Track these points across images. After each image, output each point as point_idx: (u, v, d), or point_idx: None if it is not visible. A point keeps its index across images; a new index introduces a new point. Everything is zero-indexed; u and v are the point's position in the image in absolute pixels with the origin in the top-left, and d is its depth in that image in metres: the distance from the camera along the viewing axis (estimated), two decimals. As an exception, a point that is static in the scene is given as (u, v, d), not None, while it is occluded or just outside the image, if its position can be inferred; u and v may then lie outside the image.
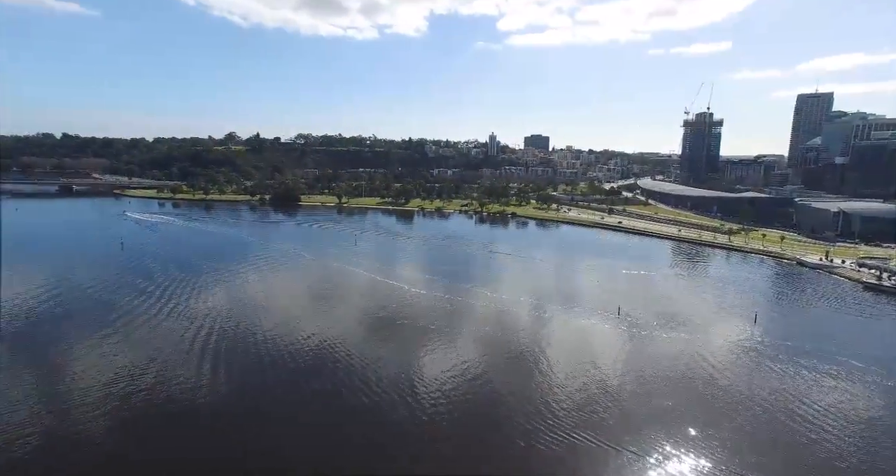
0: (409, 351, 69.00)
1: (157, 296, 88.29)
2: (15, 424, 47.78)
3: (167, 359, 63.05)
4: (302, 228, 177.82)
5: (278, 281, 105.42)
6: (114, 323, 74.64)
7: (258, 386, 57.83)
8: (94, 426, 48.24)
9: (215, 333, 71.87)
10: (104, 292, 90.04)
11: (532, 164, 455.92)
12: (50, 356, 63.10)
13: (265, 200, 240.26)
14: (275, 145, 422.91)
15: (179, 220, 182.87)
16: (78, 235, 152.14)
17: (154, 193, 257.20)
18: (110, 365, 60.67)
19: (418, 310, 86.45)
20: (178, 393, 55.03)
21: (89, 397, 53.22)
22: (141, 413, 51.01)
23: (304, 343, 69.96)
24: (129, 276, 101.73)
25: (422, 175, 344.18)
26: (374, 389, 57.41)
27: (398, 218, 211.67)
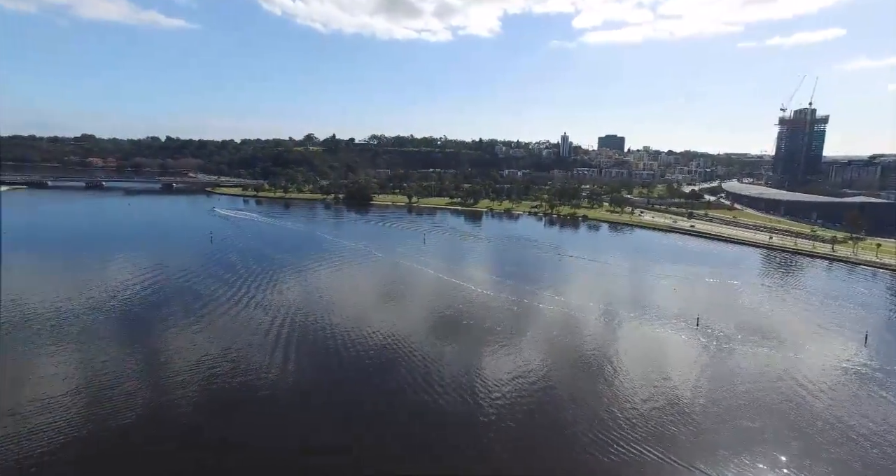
0: (472, 351, 68.54)
1: (238, 287, 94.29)
2: (124, 395, 52.95)
3: (245, 347, 67.01)
4: (373, 227, 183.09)
5: (348, 277, 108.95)
6: (200, 310, 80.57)
7: (327, 379, 59.86)
8: (182, 403, 52.22)
9: (288, 325, 75.44)
10: (194, 281, 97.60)
11: (606, 165, 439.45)
12: (149, 338, 69.24)
13: (339, 199, 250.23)
14: (349, 146, 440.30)
15: (260, 217, 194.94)
16: (175, 228, 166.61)
17: (240, 191, 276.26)
18: (197, 349, 65.46)
19: (484, 310, 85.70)
20: (254, 380, 58.23)
21: (179, 377, 57.76)
22: (219, 396, 54.47)
23: (371, 338, 71.58)
24: (214, 267, 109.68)
25: (491, 176, 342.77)
26: (437, 388, 57.46)
27: (466, 218, 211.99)
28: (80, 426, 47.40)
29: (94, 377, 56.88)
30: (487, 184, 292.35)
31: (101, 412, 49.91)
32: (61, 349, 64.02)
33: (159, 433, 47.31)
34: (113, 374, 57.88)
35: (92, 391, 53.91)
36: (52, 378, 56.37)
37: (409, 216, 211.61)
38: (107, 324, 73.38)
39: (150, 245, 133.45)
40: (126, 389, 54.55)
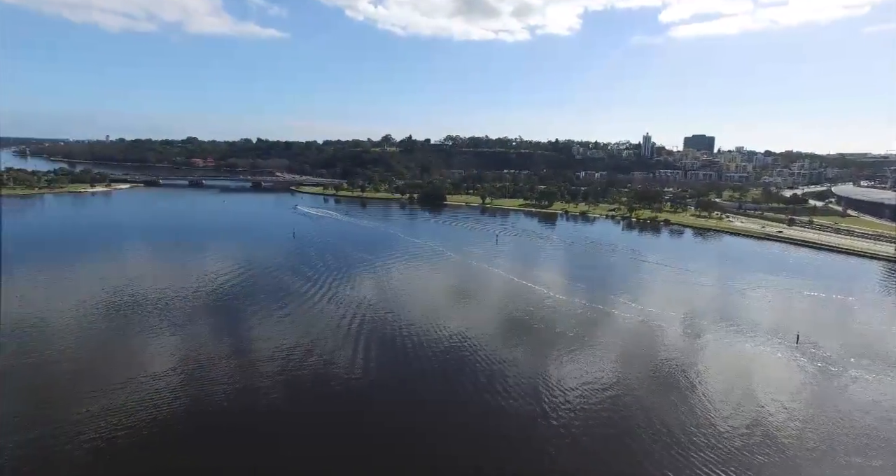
0: (540, 355, 66.89)
1: (316, 281, 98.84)
2: (215, 374, 57.44)
3: (320, 338, 70.08)
4: (446, 227, 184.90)
5: (420, 275, 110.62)
6: (282, 302, 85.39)
7: (394, 374, 61.02)
8: (263, 386, 55.53)
9: (360, 320, 77.89)
10: (277, 275, 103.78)
11: (692, 167, 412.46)
12: (237, 324, 74.59)
13: (414, 199, 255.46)
14: (425, 146, 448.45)
15: (339, 215, 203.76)
16: (262, 224, 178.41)
17: (320, 190, 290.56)
18: (277, 338, 69.41)
19: (554, 314, 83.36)
20: (326, 370, 60.69)
21: (261, 361, 61.61)
22: (303, 387, 57.19)
23: (439, 337, 72.04)
24: (295, 262, 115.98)
25: (567, 177, 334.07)
26: (501, 390, 56.62)
27: (540, 220, 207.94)
28: (179, 399, 51.88)
29: (192, 357, 62.09)
30: (562, 185, 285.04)
31: (195, 389, 54.29)
32: (166, 330, 70.67)
33: (242, 412, 50.60)
34: (207, 355, 62.86)
35: (189, 369, 58.86)
36: (158, 355, 62.34)
37: (482, 217, 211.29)
38: (203, 309, 79.95)
39: (240, 239, 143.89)
40: (217, 369, 59.01)
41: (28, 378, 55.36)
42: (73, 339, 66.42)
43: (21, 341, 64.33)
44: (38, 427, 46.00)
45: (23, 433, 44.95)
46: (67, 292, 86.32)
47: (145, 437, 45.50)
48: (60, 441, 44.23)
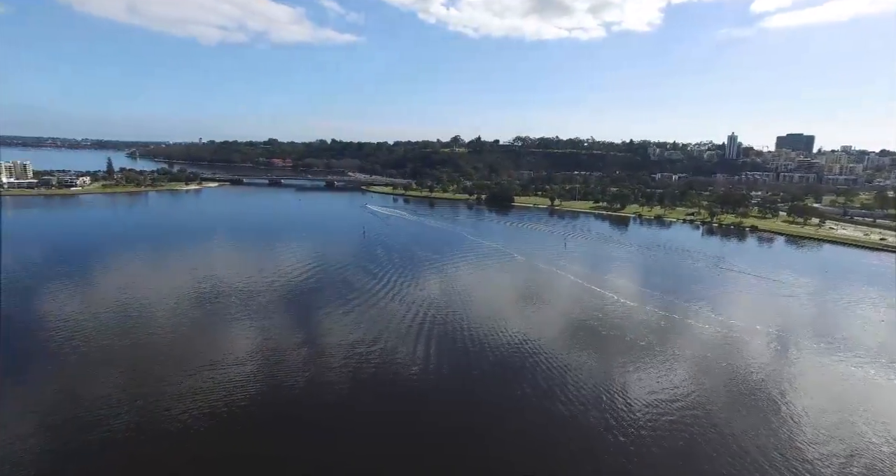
0: (611, 364, 63.94)
1: (383, 279, 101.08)
2: (287, 362, 60.41)
3: (385, 334, 71.50)
4: (513, 228, 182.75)
5: (486, 276, 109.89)
6: (350, 297, 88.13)
7: (457, 374, 60.82)
8: (335, 382, 57.53)
9: (425, 318, 78.56)
10: (346, 271, 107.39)
11: (785, 168, 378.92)
12: (308, 317, 78.03)
13: (481, 199, 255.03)
14: (493, 147, 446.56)
15: (407, 214, 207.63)
16: (334, 222, 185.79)
17: (390, 190, 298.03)
18: (345, 331, 71.80)
19: (627, 322, 79.44)
20: (391, 365, 61.71)
21: (329, 353, 63.92)
22: (365, 381, 58.65)
23: (504, 339, 71.02)
24: (364, 259, 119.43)
25: (641, 179, 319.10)
26: (571, 399, 54.71)
27: (612, 223, 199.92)
28: (254, 386, 54.97)
29: (266, 346, 65.70)
30: (637, 188, 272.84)
31: (267, 377, 57.30)
32: (245, 319, 75.34)
33: (309, 403, 52.75)
34: (279, 345, 66.24)
35: (263, 357, 62.28)
36: (238, 342, 66.56)
37: (551, 219, 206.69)
38: (277, 301, 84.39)
39: (313, 236, 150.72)
40: (288, 359, 61.97)
41: (128, 356, 61.11)
42: (165, 323, 72.59)
43: (123, 324, 71.26)
44: (138, 399, 50.67)
45: (125, 404, 49.72)
46: (162, 280, 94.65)
47: (223, 419, 48.58)
48: (153, 414, 48.38)
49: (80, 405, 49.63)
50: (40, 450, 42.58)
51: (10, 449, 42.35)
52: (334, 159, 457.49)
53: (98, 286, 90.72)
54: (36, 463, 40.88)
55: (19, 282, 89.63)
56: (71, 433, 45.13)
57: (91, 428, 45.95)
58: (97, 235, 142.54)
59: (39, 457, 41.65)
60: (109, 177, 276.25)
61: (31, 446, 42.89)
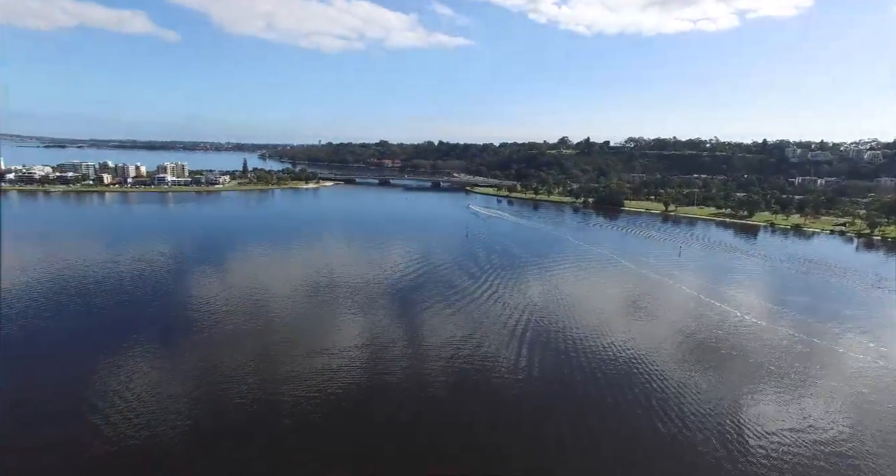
0: (730, 388, 57.31)
1: (484, 280, 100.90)
2: (391, 357, 62.77)
3: (485, 335, 71.14)
4: (621, 233, 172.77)
5: (590, 282, 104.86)
6: (453, 299, 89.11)
7: (557, 382, 58.50)
8: (437, 378, 58.51)
9: (525, 322, 76.87)
10: (448, 270, 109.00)
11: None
12: (411, 313, 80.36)
13: (588, 203, 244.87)
14: (603, 149, 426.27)
15: (510, 216, 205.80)
16: (438, 222, 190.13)
17: (494, 191, 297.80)
18: (446, 330, 72.66)
19: (752, 343, 70.72)
20: (490, 367, 61.13)
21: (431, 350, 65.10)
22: (466, 380, 58.82)
23: (608, 350, 67.02)
24: (466, 260, 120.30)
25: (775, 184, 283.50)
26: (679, 421, 49.83)
27: (737, 232, 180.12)
28: (360, 374, 57.85)
29: (372, 337, 68.90)
30: (768, 193, 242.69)
31: (373, 367, 59.90)
32: (353, 311, 79.84)
33: (411, 397, 54.01)
34: (384, 337, 69.05)
35: (370, 348, 65.30)
36: (347, 332, 70.70)
37: (664, 225, 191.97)
38: (383, 296, 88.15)
39: (419, 234, 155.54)
40: (392, 352, 64.29)
41: (252, 336, 67.71)
42: (283, 309, 79.36)
43: (249, 307, 79.20)
44: (259, 374, 55.93)
45: (248, 381, 55.14)
46: (282, 270, 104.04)
47: (331, 403, 51.61)
48: (270, 391, 52.92)
49: (216, 374, 55.97)
50: (187, 406, 48.64)
51: (165, 404, 48.96)
52: (440, 160, 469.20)
53: (231, 272, 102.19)
54: (184, 417, 46.73)
55: (173, 266, 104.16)
56: (209, 395, 50.98)
57: (224, 393, 51.53)
58: (233, 227, 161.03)
59: (186, 413, 47.56)
60: (244, 176, 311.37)
61: (181, 404, 49.18)
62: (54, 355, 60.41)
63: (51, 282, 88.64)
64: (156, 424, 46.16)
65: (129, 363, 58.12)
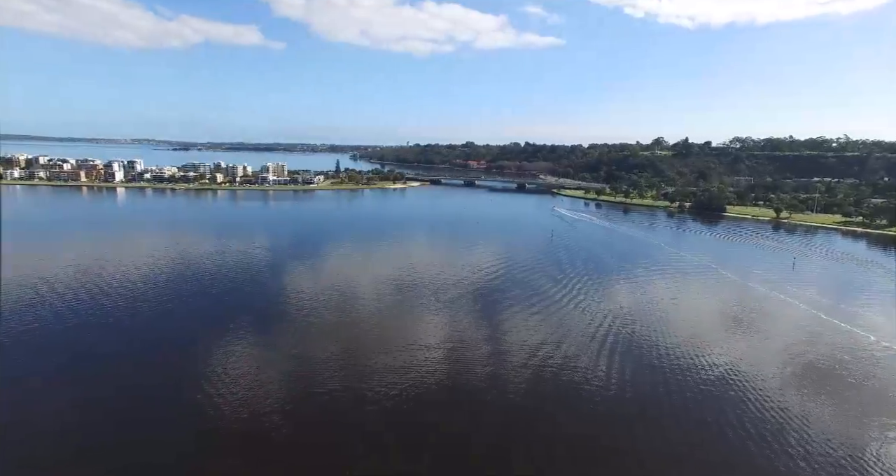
0: (855, 421, 50.01)
1: (569, 285, 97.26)
2: (471, 360, 62.50)
3: (567, 341, 68.42)
4: (722, 242, 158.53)
5: (686, 293, 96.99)
6: (534, 302, 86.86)
7: (650, 399, 54.51)
8: (515, 380, 57.28)
9: (611, 331, 72.84)
10: (531, 273, 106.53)
11: None
12: (492, 314, 79.36)
13: (684, 208, 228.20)
14: (704, 150, 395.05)
15: (597, 220, 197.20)
16: (522, 224, 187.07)
17: (581, 194, 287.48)
18: (526, 334, 70.92)
19: (887, 372, 61.03)
20: (574, 375, 58.52)
21: (513, 358, 63.68)
22: (544, 385, 56.93)
23: (705, 368, 61.42)
24: (550, 263, 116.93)
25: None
26: (785, 453, 44.09)
27: (871, 244, 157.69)
28: (439, 372, 58.15)
29: (453, 336, 69.06)
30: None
31: (452, 366, 59.87)
32: (435, 309, 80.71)
33: (488, 397, 53.20)
34: (464, 337, 68.92)
35: (450, 346, 65.47)
36: (428, 329, 71.61)
37: (775, 234, 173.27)
38: (465, 296, 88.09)
39: (502, 236, 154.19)
40: (471, 351, 63.91)
41: (339, 332, 70.70)
42: (369, 305, 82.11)
43: (335, 303, 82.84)
44: (343, 369, 58.28)
45: (333, 372, 57.66)
46: (368, 267, 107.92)
47: (412, 398, 52.32)
48: (354, 383, 54.80)
49: (305, 363, 59.25)
50: (279, 391, 51.91)
51: (261, 387, 52.63)
52: (526, 161, 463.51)
53: (320, 267, 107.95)
54: (277, 401, 49.91)
55: (270, 258, 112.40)
56: (298, 383, 54.00)
57: (311, 381, 54.36)
58: (324, 224, 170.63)
59: (278, 397, 50.76)
60: (336, 176, 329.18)
61: (274, 388, 52.62)
62: (173, 335, 67.39)
63: (172, 268, 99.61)
64: (252, 405, 49.66)
65: (230, 345, 63.29)
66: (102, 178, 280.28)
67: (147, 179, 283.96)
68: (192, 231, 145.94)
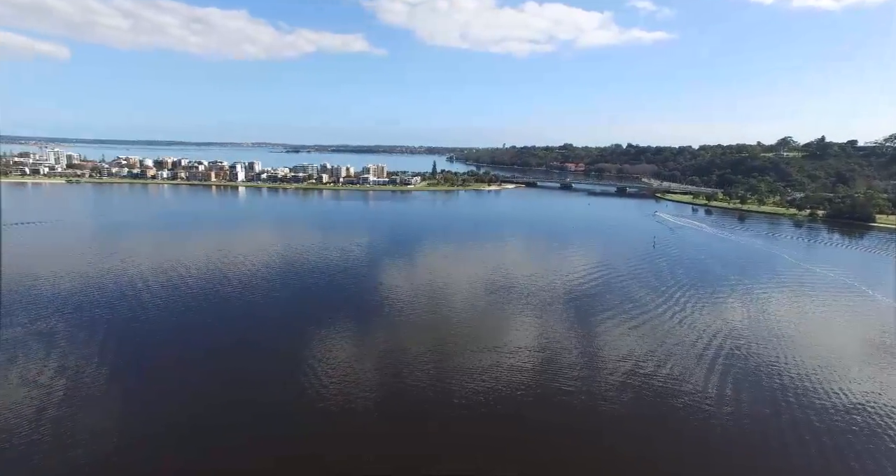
0: None
1: (672, 297, 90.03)
2: (562, 368, 60.19)
3: (670, 358, 63.17)
4: (868, 255, 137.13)
5: (817, 313, 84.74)
6: (633, 313, 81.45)
7: (770, 430, 48.28)
8: (612, 392, 54.08)
9: (724, 352, 66.02)
10: (629, 281, 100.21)
11: None
12: (588, 322, 75.84)
13: (816, 216, 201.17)
14: (845, 150, 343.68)
15: (707, 227, 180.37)
16: (621, 228, 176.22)
17: (689, 199, 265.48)
18: (627, 350, 66.35)
19: None
20: (679, 393, 53.77)
21: (609, 370, 60.22)
22: (647, 401, 52.97)
23: (844, 401, 53.15)
24: (650, 272, 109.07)
25: None
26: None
27: None
28: (527, 376, 56.60)
29: (544, 342, 67.04)
30: None
31: (541, 372, 58.00)
32: (526, 312, 79.00)
33: (580, 403, 50.60)
34: (556, 343, 66.55)
35: (540, 352, 63.59)
36: (518, 333, 70.24)
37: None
38: (557, 300, 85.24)
39: (599, 241, 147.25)
40: (563, 359, 61.47)
41: (430, 329, 71.77)
42: (460, 304, 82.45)
43: (428, 301, 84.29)
44: (433, 366, 59.02)
45: (424, 367, 58.65)
46: (460, 266, 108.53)
47: (498, 400, 51.46)
48: (443, 380, 55.23)
49: (398, 357, 60.94)
50: (373, 382, 53.95)
51: (357, 377, 55.10)
52: (628, 164, 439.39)
53: (414, 265, 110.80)
54: (370, 390, 51.88)
55: (367, 255, 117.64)
56: (392, 376, 55.65)
57: (404, 375, 55.79)
58: (420, 224, 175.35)
59: (372, 387, 52.71)
60: (433, 177, 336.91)
61: (369, 378, 54.84)
62: (280, 322, 73.02)
63: (280, 260, 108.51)
64: (348, 392, 52.12)
65: (329, 336, 67.07)
66: (227, 177, 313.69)
67: (263, 179, 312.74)
68: (300, 227, 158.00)
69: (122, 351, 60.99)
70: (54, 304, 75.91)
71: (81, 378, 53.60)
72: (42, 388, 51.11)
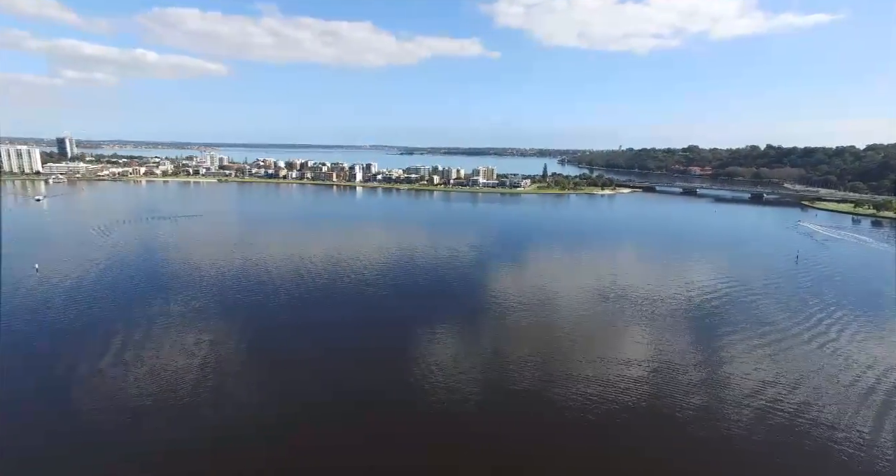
0: None
1: (812, 319, 78.91)
2: (679, 386, 56.07)
3: (814, 392, 55.38)
4: None
5: None
6: (764, 335, 72.68)
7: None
8: (736, 419, 49.26)
9: (885, 387, 56.20)
10: (765, 301, 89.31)
11: None
12: (710, 342, 69.39)
13: None
14: None
15: (872, 241, 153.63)
16: (756, 240, 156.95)
17: (849, 208, 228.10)
18: (760, 377, 59.45)
19: None
20: (824, 433, 46.92)
21: (735, 398, 54.63)
22: (795, 443, 47.20)
23: None
24: (791, 290, 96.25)
25: None
26: None
27: None
28: (641, 390, 53.51)
29: (658, 355, 62.71)
30: None
31: (656, 386, 54.40)
32: (640, 324, 74.57)
33: (699, 425, 46.52)
34: (673, 358, 61.85)
35: (651, 364, 59.63)
36: (630, 344, 66.63)
37: None
38: (676, 315, 79.11)
39: (730, 252, 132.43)
40: (682, 377, 56.97)
41: (536, 334, 70.93)
42: (567, 311, 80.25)
43: (534, 305, 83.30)
44: (537, 371, 58.38)
45: (528, 373, 58.32)
46: (569, 272, 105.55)
47: (604, 413, 49.34)
48: (545, 388, 54.40)
49: (502, 360, 61.45)
50: (476, 383, 54.98)
51: (461, 375, 56.53)
52: (766, 168, 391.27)
53: (522, 268, 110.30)
54: (473, 391, 53.03)
55: (476, 256, 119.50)
56: (496, 378, 56.16)
57: (507, 379, 55.98)
58: (528, 228, 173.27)
59: (474, 389, 53.77)
60: (543, 180, 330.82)
61: (472, 377, 55.99)
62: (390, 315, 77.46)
63: (392, 258, 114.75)
64: (454, 389, 53.61)
65: (435, 334, 69.48)
66: (347, 178, 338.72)
67: (379, 180, 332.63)
68: (411, 227, 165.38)
69: (256, 336, 69.23)
70: (205, 286, 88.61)
71: (223, 351, 61.86)
72: (195, 357, 59.93)
